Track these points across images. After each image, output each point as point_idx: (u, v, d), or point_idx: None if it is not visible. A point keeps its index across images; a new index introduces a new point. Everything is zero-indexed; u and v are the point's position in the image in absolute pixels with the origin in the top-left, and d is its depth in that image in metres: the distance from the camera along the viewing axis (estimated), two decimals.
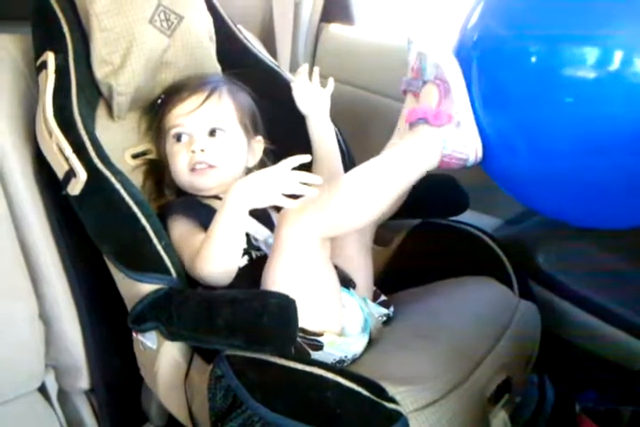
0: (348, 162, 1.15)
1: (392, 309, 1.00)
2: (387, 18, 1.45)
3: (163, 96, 1.05)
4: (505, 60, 0.82)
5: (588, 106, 0.76)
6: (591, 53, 0.75)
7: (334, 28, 1.42)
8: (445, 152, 0.87)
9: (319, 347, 0.84)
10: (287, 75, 1.20)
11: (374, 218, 0.88)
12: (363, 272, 1.00)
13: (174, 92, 1.03)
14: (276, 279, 0.85)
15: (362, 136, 1.26)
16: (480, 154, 0.88)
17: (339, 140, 1.15)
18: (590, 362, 1.02)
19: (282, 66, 1.27)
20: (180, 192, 1.04)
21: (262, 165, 1.08)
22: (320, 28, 1.42)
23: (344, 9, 1.40)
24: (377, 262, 1.07)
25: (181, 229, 0.94)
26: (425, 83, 0.89)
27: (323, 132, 1.11)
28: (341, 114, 1.21)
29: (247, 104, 1.07)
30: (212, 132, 1.00)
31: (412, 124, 0.88)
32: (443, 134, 0.86)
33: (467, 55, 0.87)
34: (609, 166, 0.79)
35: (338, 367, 0.81)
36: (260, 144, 1.08)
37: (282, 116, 1.15)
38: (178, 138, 1.00)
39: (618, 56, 0.74)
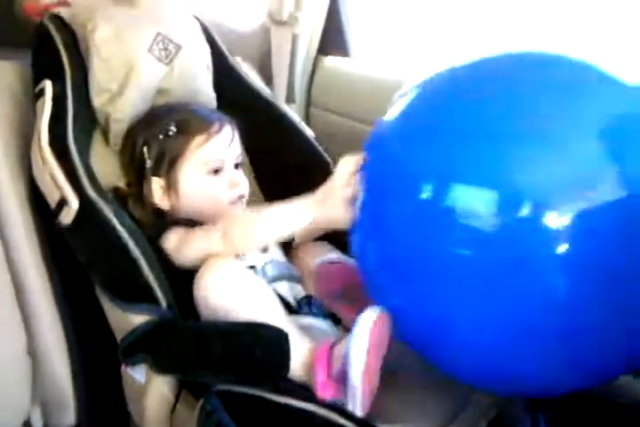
0: None
1: None
2: (382, 50, 1.47)
3: (174, 124, 1.00)
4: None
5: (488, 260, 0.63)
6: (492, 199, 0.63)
7: (330, 61, 1.44)
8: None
9: None
10: (283, 106, 1.21)
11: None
12: None
13: (200, 122, 1.00)
14: None
15: None
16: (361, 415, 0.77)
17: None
18: (589, 398, 1.01)
19: (278, 97, 1.28)
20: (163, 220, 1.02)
21: None
22: (317, 61, 1.44)
23: (340, 41, 1.42)
24: None
25: (180, 231, 0.95)
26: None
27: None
28: (337, 145, 1.22)
29: None
30: (237, 165, 1.03)
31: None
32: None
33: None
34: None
35: (332, 404, 0.80)
36: None
37: (276, 147, 1.16)
38: (215, 171, 0.99)
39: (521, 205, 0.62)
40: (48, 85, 0.99)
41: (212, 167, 0.99)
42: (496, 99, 0.67)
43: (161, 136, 0.99)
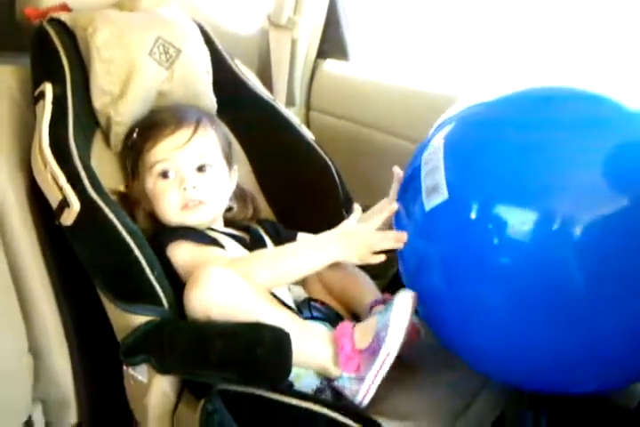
0: (343, 195, 1.15)
1: None
2: (380, 54, 1.49)
3: (137, 130, 1.02)
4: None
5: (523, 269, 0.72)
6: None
7: (329, 64, 1.45)
8: (337, 384, 0.82)
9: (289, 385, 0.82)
10: (283, 108, 1.22)
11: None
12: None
13: (154, 127, 1.00)
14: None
15: (357, 169, 1.28)
16: (365, 403, 0.80)
17: (334, 174, 1.16)
18: (590, 400, 1.00)
19: (278, 100, 1.28)
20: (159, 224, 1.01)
21: (241, 193, 1.09)
22: (316, 64, 1.45)
23: (339, 46, 1.43)
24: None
25: (191, 250, 0.93)
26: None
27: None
28: (336, 147, 1.23)
29: (224, 134, 1.07)
30: (201, 168, 0.99)
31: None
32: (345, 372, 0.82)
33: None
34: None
35: (334, 403, 0.80)
36: (235, 173, 1.07)
37: (277, 149, 1.17)
38: (164, 175, 0.98)
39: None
40: (48, 88, 0.99)
41: (160, 170, 0.98)
42: (528, 131, 0.74)
43: (129, 143, 1.02)
